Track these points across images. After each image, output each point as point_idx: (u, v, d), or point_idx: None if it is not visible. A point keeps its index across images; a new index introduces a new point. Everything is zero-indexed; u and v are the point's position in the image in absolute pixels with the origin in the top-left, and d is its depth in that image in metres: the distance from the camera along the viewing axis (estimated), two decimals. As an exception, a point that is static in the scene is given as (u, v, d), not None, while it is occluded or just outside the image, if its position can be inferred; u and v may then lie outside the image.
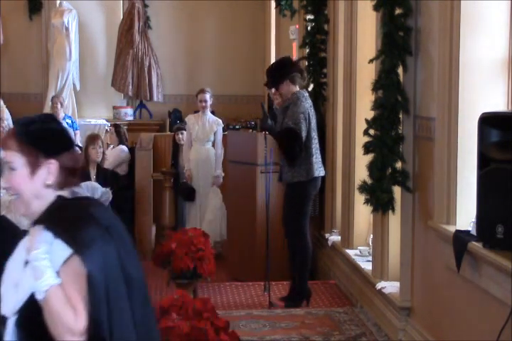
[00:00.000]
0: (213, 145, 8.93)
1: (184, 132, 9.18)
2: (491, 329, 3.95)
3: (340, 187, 7.65)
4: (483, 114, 4.06)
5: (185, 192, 8.84)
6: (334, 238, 7.77)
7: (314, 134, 6.77)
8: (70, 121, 10.94)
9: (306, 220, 6.85)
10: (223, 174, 8.76)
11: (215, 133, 8.85)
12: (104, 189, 7.08)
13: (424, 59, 5.32)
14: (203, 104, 8.85)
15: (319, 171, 6.83)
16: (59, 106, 10.90)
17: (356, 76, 7.00)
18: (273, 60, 12.14)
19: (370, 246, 6.75)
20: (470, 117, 4.54)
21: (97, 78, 13.14)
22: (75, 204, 2.58)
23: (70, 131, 9.52)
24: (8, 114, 11.25)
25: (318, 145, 6.83)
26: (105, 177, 7.92)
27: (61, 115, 10.83)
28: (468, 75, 4.62)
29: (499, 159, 3.89)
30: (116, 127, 9.46)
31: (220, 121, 8.99)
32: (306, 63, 8.42)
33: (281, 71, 6.82)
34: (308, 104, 6.79)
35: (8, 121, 10.69)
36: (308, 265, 6.85)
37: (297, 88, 6.81)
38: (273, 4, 11.20)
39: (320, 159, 6.86)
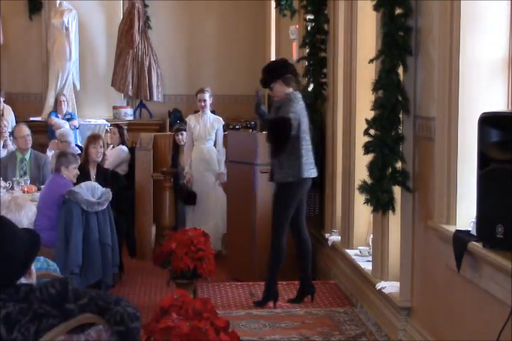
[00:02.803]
0: (215, 145, 8.92)
1: (184, 133, 9.18)
2: (491, 329, 3.95)
3: (340, 187, 7.65)
4: (483, 113, 4.05)
5: (185, 196, 8.82)
6: (334, 238, 7.77)
7: (305, 136, 6.67)
8: (69, 117, 11.27)
9: (287, 221, 6.72)
10: (225, 172, 8.75)
11: (216, 132, 8.84)
12: (104, 189, 7.08)
13: (424, 59, 5.31)
14: (203, 104, 8.85)
15: (310, 172, 6.74)
16: (64, 103, 11.21)
17: (356, 76, 7.00)
18: (273, 59, 12.15)
19: (370, 246, 6.75)
20: (470, 117, 4.54)
21: (97, 78, 13.15)
22: None
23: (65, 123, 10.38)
24: (13, 115, 11.26)
25: (310, 147, 6.71)
26: (105, 177, 7.90)
27: (65, 111, 11.36)
28: (468, 75, 4.62)
29: (499, 159, 3.89)
30: (119, 128, 9.47)
31: (221, 119, 8.99)
32: (306, 63, 8.42)
33: (274, 71, 6.85)
34: (299, 105, 6.72)
35: (12, 123, 10.71)
36: (278, 267, 6.75)
37: (290, 89, 6.78)
38: (273, 4, 11.19)
39: (312, 160, 6.75)
